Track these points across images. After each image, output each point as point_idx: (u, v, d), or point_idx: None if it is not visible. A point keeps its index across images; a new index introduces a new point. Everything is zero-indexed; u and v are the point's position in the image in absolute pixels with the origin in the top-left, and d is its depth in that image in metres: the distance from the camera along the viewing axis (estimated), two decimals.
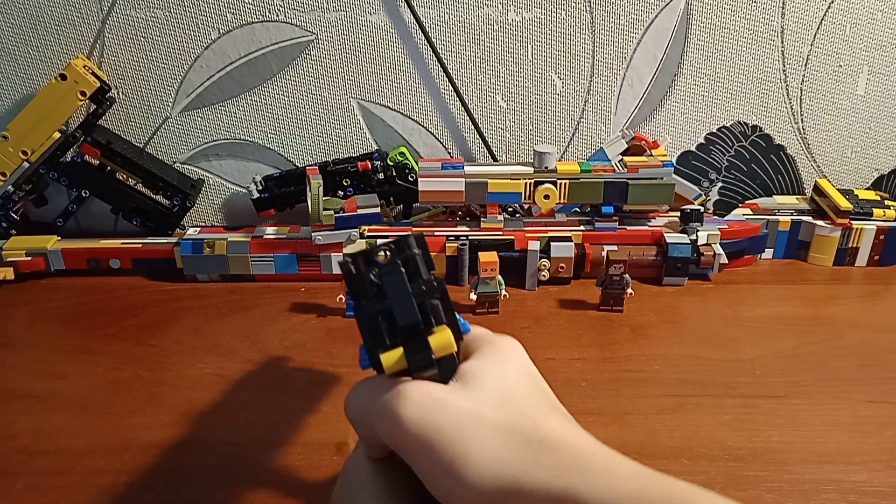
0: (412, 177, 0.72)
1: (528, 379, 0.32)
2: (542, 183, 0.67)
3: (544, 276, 0.68)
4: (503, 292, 0.63)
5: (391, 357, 0.30)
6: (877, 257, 0.71)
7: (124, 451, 0.49)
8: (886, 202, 0.73)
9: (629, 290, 0.63)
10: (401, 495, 0.32)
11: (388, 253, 0.31)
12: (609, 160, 0.70)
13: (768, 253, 0.74)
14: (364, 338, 0.31)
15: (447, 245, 0.68)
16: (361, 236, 0.68)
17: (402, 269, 0.31)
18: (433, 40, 0.71)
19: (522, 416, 0.30)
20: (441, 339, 0.31)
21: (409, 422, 0.29)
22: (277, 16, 0.70)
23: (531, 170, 0.67)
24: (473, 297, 0.62)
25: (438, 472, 0.29)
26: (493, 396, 0.30)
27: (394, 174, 0.72)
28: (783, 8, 0.71)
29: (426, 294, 0.31)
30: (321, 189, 0.66)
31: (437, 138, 0.76)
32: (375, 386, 0.31)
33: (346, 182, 0.72)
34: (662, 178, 0.67)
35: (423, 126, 0.76)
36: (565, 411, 0.31)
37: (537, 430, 0.29)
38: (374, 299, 0.31)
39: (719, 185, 0.79)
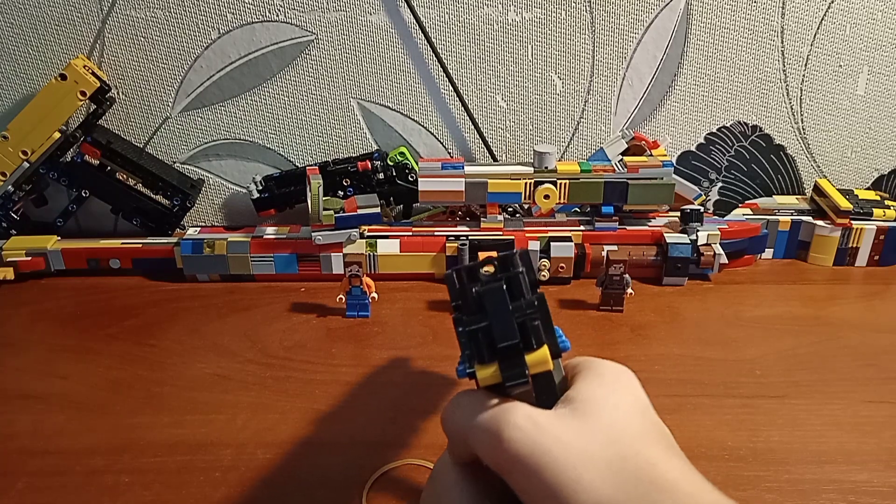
0: (412, 177, 0.72)
1: (641, 412, 0.31)
2: (542, 183, 0.67)
3: (544, 276, 0.68)
4: None
5: (486, 372, 0.30)
6: (877, 257, 0.71)
7: (124, 451, 0.49)
8: (886, 202, 0.73)
9: (629, 290, 0.63)
10: (490, 498, 0.31)
11: (492, 268, 0.31)
12: (609, 160, 0.70)
13: (768, 253, 0.74)
14: (462, 350, 0.31)
15: (447, 245, 0.68)
16: (361, 236, 0.68)
17: (505, 287, 0.30)
18: (433, 40, 0.71)
19: (636, 454, 0.28)
20: (537, 357, 0.30)
21: (514, 445, 0.28)
22: (277, 16, 0.70)
23: (531, 170, 0.67)
24: None
25: (542, 496, 0.28)
26: (605, 429, 0.29)
27: (394, 174, 0.72)
28: (783, 8, 0.71)
29: (527, 313, 0.30)
30: (321, 189, 0.66)
31: (437, 138, 0.76)
32: (476, 403, 0.31)
33: (346, 182, 0.72)
34: (662, 178, 0.67)
35: (423, 126, 0.76)
36: (679, 450, 0.30)
37: (650, 471, 0.28)
38: (474, 314, 0.30)
39: (719, 185, 0.79)
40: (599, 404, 0.30)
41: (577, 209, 0.75)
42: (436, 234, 0.69)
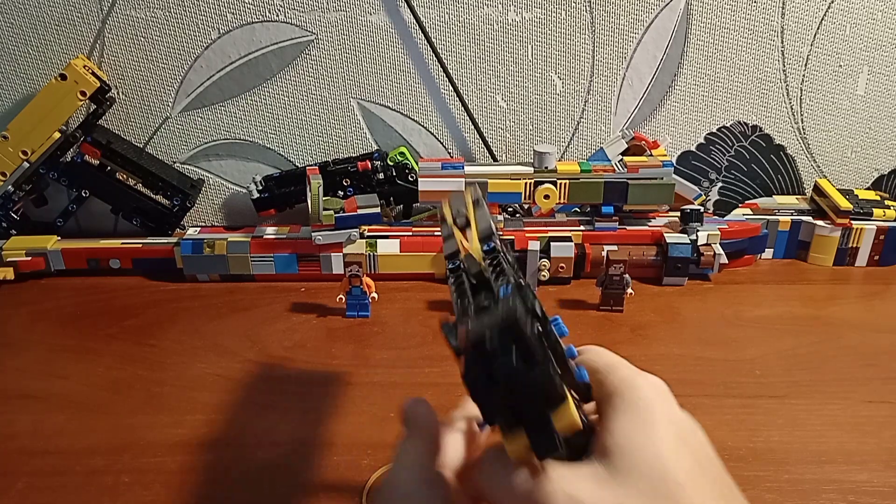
0: (412, 177, 0.72)
1: (686, 449, 0.27)
2: (542, 183, 0.67)
3: (544, 276, 0.68)
4: None
5: (516, 445, 0.28)
6: (877, 257, 0.71)
7: (124, 451, 0.49)
8: (886, 202, 0.73)
9: (629, 290, 0.63)
10: None
11: (494, 339, 0.27)
12: (609, 160, 0.70)
13: (768, 253, 0.74)
14: (485, 416, 0.28)
15: None
16: (361, 236, 0.68)
17: (520, 364, 0.26)
18: (433, 40, 0.71)
19: (683, 500, 0.26)
20: (566, 419, 0.28)
21: None
22: (277, 16, 0.70)
23: (531, 170, 0.67)
24: None
25: None
26: (652, 487, 0.26)
27: (394, 174, 0.72)
28: (783, 8, 0.71)
29: (545, 377, 0.27)
30: (321, 189, 0.66)
31: (437, 138, 0.76)
32: (510, 471, 0.28)
33: (346, 182, 0.72)
34: (662, 178, 0.67)
35: (423, 126, 0.76)
36: (732, 486, 0.28)
37: None
38: (489, 391, 0.27)
39: (719, 185, 0.79)
40: (640, 455, 0.27)
41: (577, 209, 0.75)
42: (436, 234, 0.69)
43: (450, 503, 0.30)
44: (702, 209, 0.68)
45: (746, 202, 0.76)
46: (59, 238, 0.71)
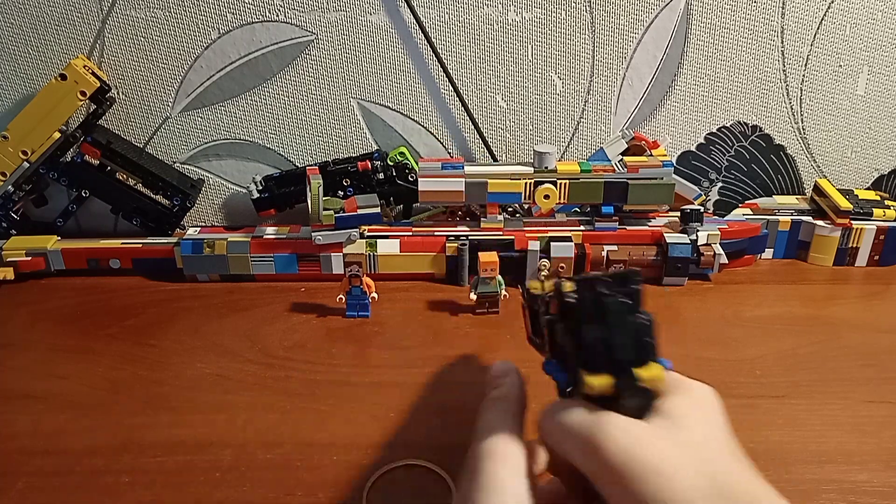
0: (412, 177, 0.72)
1: (726, 433, 0.32)
2: (542, 183, 0.67)
3: (544, 275, 0.68)
4: (503, 292, 0.63)
5: (601, 382, 0.31)
6: (877, 257, 0.71)
7: (124, 451, 0.49)
8: (886, 202, 0.73)
9: None
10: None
11: (611, 284, 0.32)
12: (609, 160, 0.70)
13: (768, 253, 0.74)
14: (569, 357, 0.32)
15: (447, 245, 0.68)
16: (361, 236, 0.68)
17: (628, 303, 0.31)
18: (433, 40, 0.71)
19: (725, 471, 0.30)
20: (651, 373, 0.31)
21: (611, 453, 0.30)
22: (277, 16, 0.70)
23: (531, 170, 0.67)
24: (473, 296, 0.62)
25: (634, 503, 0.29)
26: (698, 445, 0.30)
27: (394, 174, 0.72)
28: (783, 8, 0.71)
29: (644, 331, 0.32)
30: (321, 189, 0.66)
31: (437, 138, 0.76)
32: (575, 411, 0.32)
33: (346, 182, 0.72)
34: (662, 178, 0.67)
35: (423, 126, 0.76)
36: (755, 470, 0.31)
37: (737, 488, 0.29)
38: (593, 326, 0.31)
39: (719, 185, 0.79)
40: (692, 421, 0.31)
41: (577, 209, 0.75)
42: (436, 234, 0.69)
43: (522, 468, 0.32)
44: (702, 209, 0.68)
45: (746, 202, 0.76)
46: (59, 238, 0.71)
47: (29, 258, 0.69)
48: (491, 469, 0.32)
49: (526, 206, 0.76)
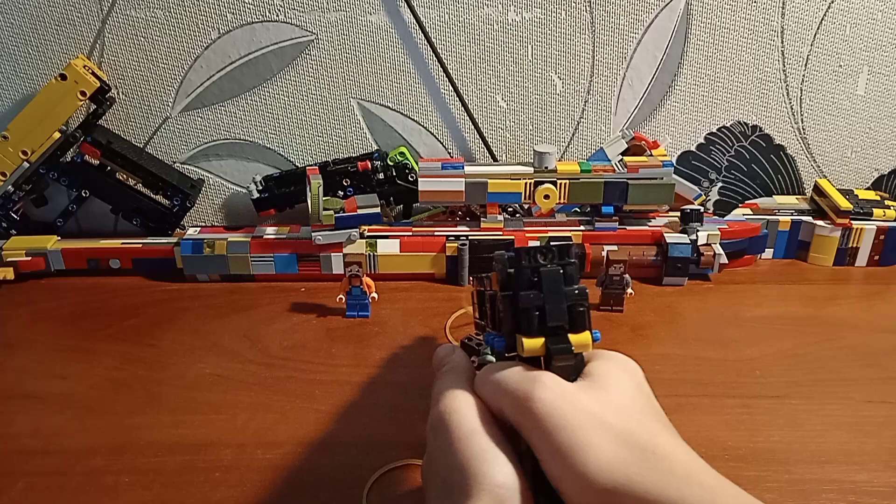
0: (412, 177, 0.72)
1: (644, 395, 0.35)
2: (542, 183, 0.67)
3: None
4: None
5: (533, 343, 0.33)
6: (877, 257, 0.71)
7: (124, 451, 0.49)
8: (886, 202, 0.73)
9: (629, 290, 0.63)
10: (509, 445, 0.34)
11: (549, 256, 0.34)
12: (609, 160, 0.70)
13: (768, 253, 0.74)
14: (506, 323, 0.35)
15: (447, 245, 0.68)
16: (361, 236, 0.68)
17: (562, 273, 0.34)
18: (433, 40, 0.71)
19: (640, 425, 0.32)
20: (582, 339, 0.34)
21: (540, 403, 0.32)
22: (277, 16, 0.70)
23: (531, 170, 0.67)
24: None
25: (555, 455, 0.31)
26: (616, 402, 0.33)
27: (394, 174, 0.72)
28: (783, 8, 0.71)
29: (577, 300, 0.34)
30: (321, 189, 0.66)
31: (437, 138, 0.76)
32: (510, 369, 0.34)
33: (346, 182, 0.72)
34: (662, 178, 0.67)
35: (423, 126, 0.76)
36: (675, 430, 0.34)
37: (652, 441, 0.31)
38: (529, 292, 0.33)
39: (719, 185, 0.79)
40: (612, 382, 0.34)
41: (577, 209, 0.75)
42: (436, 234, 0.69)
43: (487, 416, 0.34)
44: (702, 209, 0.68)
45: (746, 202, 0.76)
46: (59, 238, 0.71)
47: (29, 258, 0.69)
48: (457, 419, 0.34)
49: (526, 206, 0.76)
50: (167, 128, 0.75)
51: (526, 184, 0.67)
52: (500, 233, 0.68)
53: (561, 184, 0.67)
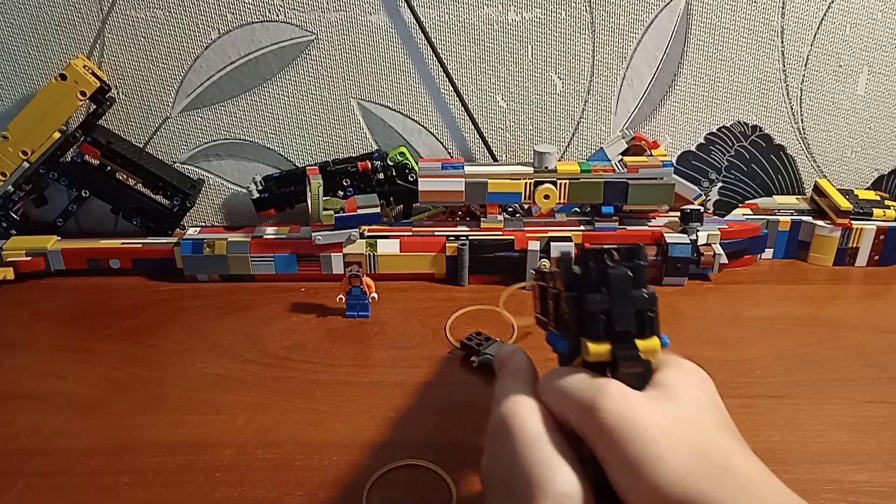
0: (412, 177, 0.72)
1: (717, 407, 0.34)
2: (542, 183, 0.67)
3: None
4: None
5: (599, 348, 0.33)
6: (877, 257, 0.71)
7: (124, 451, 0.49)
8: (886, 202, 0.73)
9: None
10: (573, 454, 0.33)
11: (617, 257, 0.33)
12: (609, 160, 0.70)
13: (768, 253, 0.74)
14: (571, 325, 0.34)
15: (447, 245, 0.68)
16: (361, 236, 0.68)
17: (630, 276, 0.33)
18: (433, 40, 0.71)
19: (712, 439, 0.31)
20: (650, 345, 0.33)
21: (606, 413, 0.31)
22: (277, 16, 0.70)
23: (531, 170, 0.67)
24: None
25: (623, 466, 0.30)
26: (687, 415, 0.32)
27: (394, 174, 0.72)
28: (783, 8, 0.71)
29: (646, 305, 0.33)
30: (321, 189, 0.66)
31: (437, 138, 0.76)
32: (574, 375, 0.34)
33: (346, 182, 0.72)
34: (662, 178, 0.67)
35: (423, 126, 0.76)
36: (747, 446, 0.33)
37: (725, 456, 0.31)
38: (595, 295, 0.32)
39: (719, 185, 0.79)
40: (683, 393, 0.33)
41: (577, 209, 0.75)
42: (436, 234, 0.69)
43: (550, 422, 0.34)
44: (702, 209, 0.68)
45: (746, 202, 0.76)
46: (59, 238, 0.71)
47: (29, 258, 0.69)
48: (520, 424, 0.34)
49: (526, 206, 0.76)
50: (167, 128, 0.75)
51: (526, 184, 0.67)
52: (500, 233, 0.68)
53: (561, 184, 0.67)
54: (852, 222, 0.70)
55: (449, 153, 0.77)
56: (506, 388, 0.36)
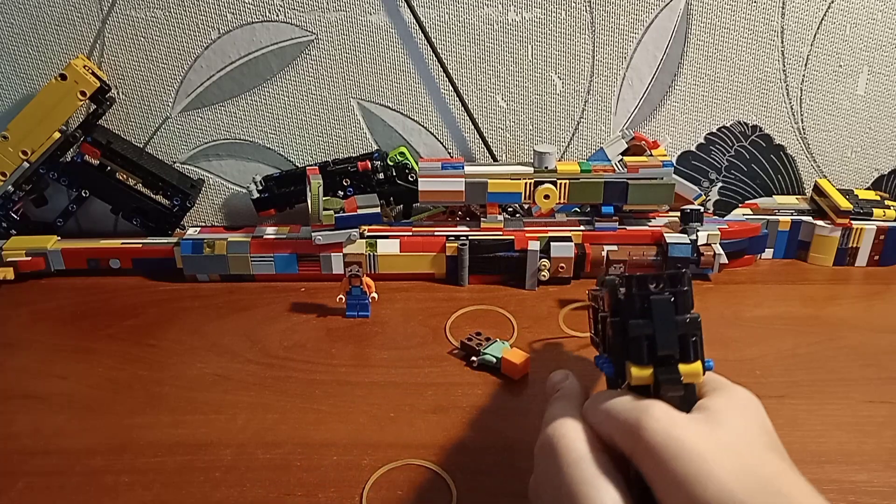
0: (412, 177, 0.72)
1: (766, 433, 0.34)
2: (542, 183, 0.67)
3: (544, 276, 0.68)
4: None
5: (641, 372, 0.34)
6: (877, 257, 0.71)
7: (124, 451, 0.49)
8: (886, 202, 0.73)
9: None
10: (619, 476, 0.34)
11: (660, 284, 0.34)
12: (609, 160, 0.70)
13: (768, 253, 0.74)
14: (615, 348, 0.35)
15: (447, 245, 0.68)
16: (361, 236, 0.68)
17: (673, 302, 0.33)
18: (433, 40, 0.71)
19: (760, 460, 0.31)
20: (692, 369, 0.34)
21: (651, 433, 0.32)
22: (277, 16, 0.70)
23: (531, 170, 0.67)
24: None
25: (670, 485, 0.31)
26: (735, 439, 0.32)
27: (394, 174, 0.72)
28: (783, 8, 0.71)
29: (689, 329, 0.33)
30: (321, 189, 0.66)
31: (437, 138, 0.76)
32: (619, 397, 0.35)
33: (346, 182, 0.72)
34: (662, 178, 0.67)
35: (423, 126, 0.76)
36: (798, 471, 0.33)
37: (775, 477, 0.31)
38: (638, 320, 0.33)
39: (719, 185, 0.79)
40: (730, 417, 0.33)
41: (577, 209, 0.75)
42: (436, 234, 0.69)
43: (597, 444, 0.35)
44: (702, 209, 0.68)
45: (746, 202, 0.76)
46: (59, 238, 0.71)
47: (29, 258, 0.69)
48: (566, 444, 0.34)
49: (526, 206, 0.76)
50: (167, 128, 0.75)
51: (526, 184, 0.67)
52: (500, 233, 0.68)
53: (561, 184, 0.67)
54: (852, 222, 0.70)
55: (449, 153, 0.77)
56: (555, 411, 0.37)
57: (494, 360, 0.56)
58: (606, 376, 0.38)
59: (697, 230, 0.67)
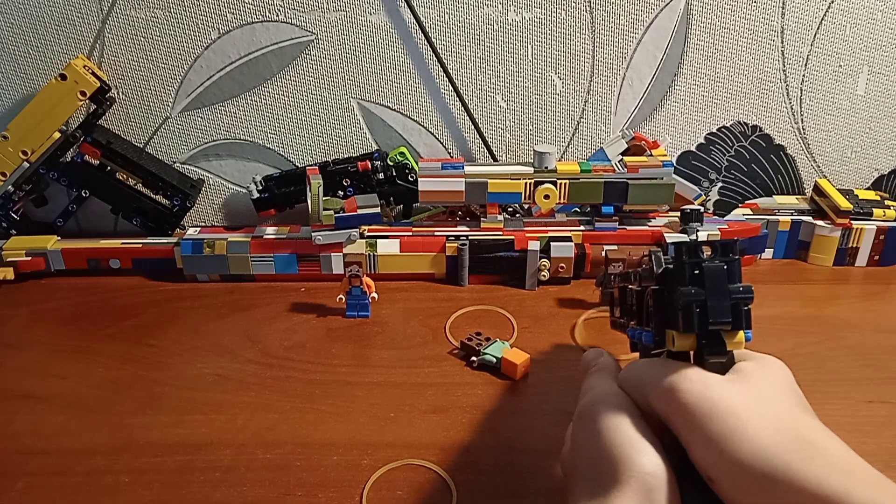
0: (412, 177, 0.72)
1: (796, 394, 0.34)
2: (542, 183, 0.67)
3: (544, 276, 0.68)
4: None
5: (685, 340, 0.34)
6: (877, 257, 0.71)
7: (124, 451, 0.49)
8: (886, 202, 0.73)
9: None
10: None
11: (712, 251, 0.34)
12: (609, 160, 0.70)
13: (768, 253, 0.74)
14: (656, 318, 0.35)
15: (447, 245, 0.68)
16: (361, 236, 0.68)
17: (725, 269, 0.33)
18: (433, 40, 0.71)
19: (794, 417, 0.32)
20: (736, 338, 0.34)
21: (687, 394, 0.32)
22: (277, 16, 0.70)
23: (531, 170, 0.67)
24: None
25: (707, 443, 0.31)
26: (767, 395, 0.32)
27: (394, 174, 0.72)
28: (783, 8, 0.71)
29: (741, 298, 0.33)
30: (321, 189, 0.66)
31: (437, 138, 0.76)
32: (655, 362, 0.35)
33: (346, 182, 0.72)
34: (662, 178, 0.67)
35: (423, 126, 0.76)
36: (830, 431, 0.33)
37: (810, 432, 0.31)
38: (690, 288, 0.33)
39: (719, 185, 0.79)
40: (761, 378, 0.33)
41: (577, 209, 0.75)
42: (436, 234, 0.69)
43: (634, 410, 0.35)
44: (702, 209, 0.68)
45: (746, 202, 0.76)
46: (59, 238, 0.71)
47: (29, 258, 0.69)
48: (605, 410, 0.35)
49: (526, 206, 0.76)
50: (167, 128, 0.75)
51: (526, 184, 0.67)
52: (500, 233, 0.68)
53: (561, 184, 0.67)
54: (852, 222, 0.70)
55: (449, 153, 0.77)
56: (592, 382, 0.39)
57: (494, 360, 0.56)
58: (640, 347, 0.38)
59: (697, 230, 0.67)
